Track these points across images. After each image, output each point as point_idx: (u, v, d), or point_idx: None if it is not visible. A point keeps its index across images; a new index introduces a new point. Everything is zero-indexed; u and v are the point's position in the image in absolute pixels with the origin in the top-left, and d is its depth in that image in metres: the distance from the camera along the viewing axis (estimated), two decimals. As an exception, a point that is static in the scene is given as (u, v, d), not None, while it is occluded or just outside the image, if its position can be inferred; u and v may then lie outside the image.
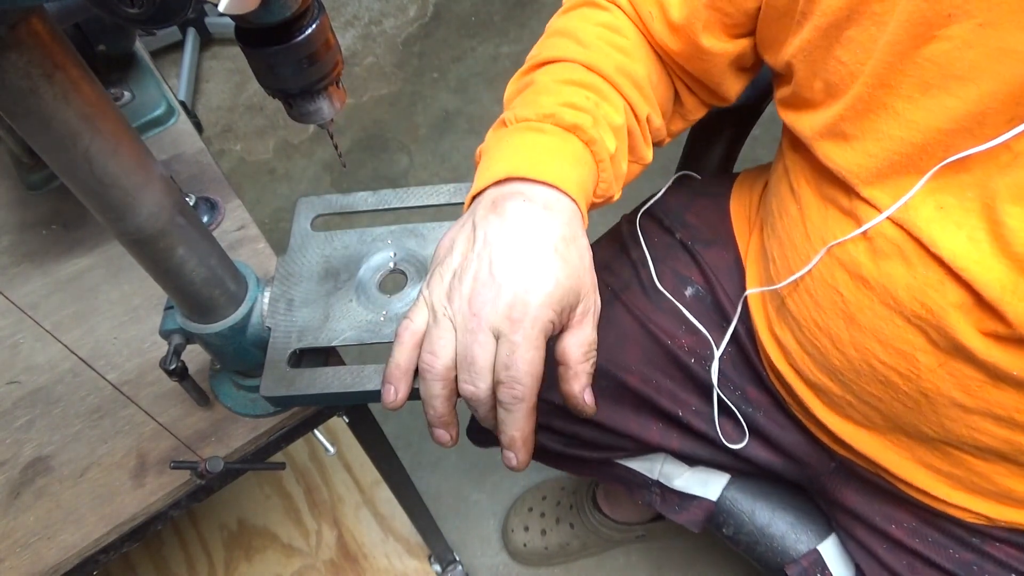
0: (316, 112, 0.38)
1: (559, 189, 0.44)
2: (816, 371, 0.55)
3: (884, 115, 0.44)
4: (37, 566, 0.49)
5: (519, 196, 0.44)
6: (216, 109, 1.82)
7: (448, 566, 1.07)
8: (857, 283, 0.48)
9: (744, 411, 0.63)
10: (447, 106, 1.76)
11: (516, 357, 0.39)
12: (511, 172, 0.44)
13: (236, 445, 0.53)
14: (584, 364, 0.42)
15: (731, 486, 0.69)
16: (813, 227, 0.52)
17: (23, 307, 0.61)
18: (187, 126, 0.74)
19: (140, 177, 0.37)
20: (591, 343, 0.43)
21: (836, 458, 0.61)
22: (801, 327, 0.54)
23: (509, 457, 0.42)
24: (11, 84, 0.31)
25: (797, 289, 0.54)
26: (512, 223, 0.42)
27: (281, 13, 0.32)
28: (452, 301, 0.42)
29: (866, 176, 0.46)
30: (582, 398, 0.42)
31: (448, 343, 0.41)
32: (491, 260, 0.42)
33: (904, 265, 0.45)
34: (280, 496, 1.06)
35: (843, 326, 0.50)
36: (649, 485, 0.72)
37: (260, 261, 0.63)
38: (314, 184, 1.67)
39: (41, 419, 0.55)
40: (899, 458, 0.54)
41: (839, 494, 0.62)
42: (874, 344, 0.48)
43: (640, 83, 0.53)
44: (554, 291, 0.41)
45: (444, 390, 0.42)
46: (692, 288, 0.67)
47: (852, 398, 0.53)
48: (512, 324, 0.40)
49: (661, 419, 0.66)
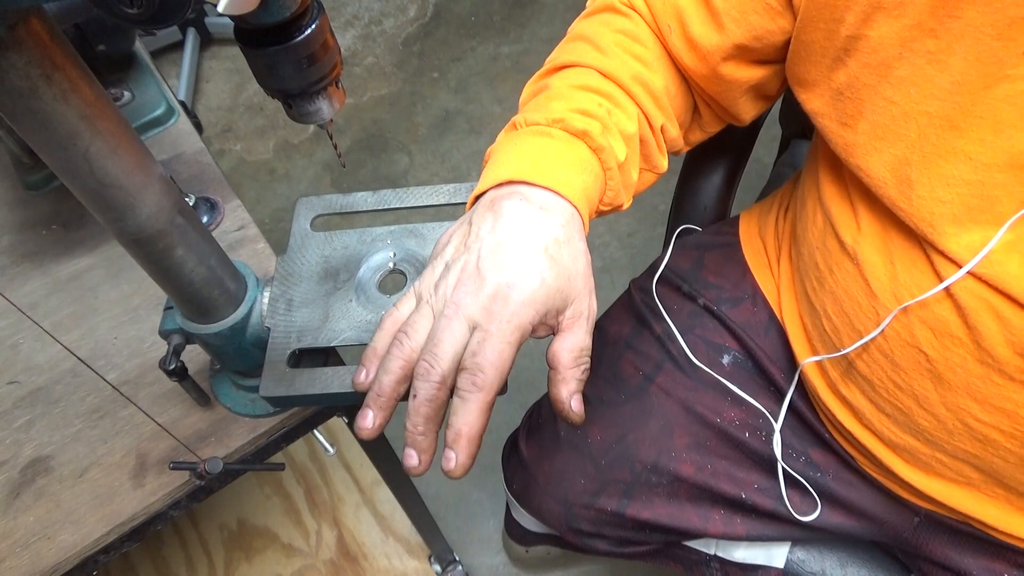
0: (316, 112, 0.38)
1: (559, 193, 0.44)
2: (898, 431, 0.51)
3: (954, 159, 0.41)
4: (37, 566, 0.49)
5: (517, 196, 0.44)
6: (216, 109, 1.82)
7: (448, 566, 1.07)
8: (944, 341, 0.45)
9: (812, 477, 0.59)
10: (447, 106, 1.76)
11: (485, 346, 0.39)
12: (513, 176, 0.44)
13: (236, 445, 0.53)
14: (574, 369, 0.41)
15: (795, 548, 0.65)
16: (879, 284, 0.48)
17: (23, 307, 0.61)
18: (187, 126, 0.74)
19: (140, 177, 0.37)
20: (582, 348, 0.42)
21: (921, 512, 0.57)
22: (876, 388, 0.50)
23: (449, 457, 0.39)
24: (11, 84, 0.31)
25: (868, 350, 0.50)
26: (506, 221, 0.42)
27: (280, 13, 0.32)
28: (437, 290, 0.42)
29: (940, 225, 0.43)
30: (569, 404, 0.41)
31: (423, 328, 0.41)
32: (480, 254, 0.42)
33: (997, 321, 0.42)
34: (280, 496, 1.06)
35: (930, 386, 0.47)
36: (708, 561, 0.68)
37: (260, 261, 0.63)
38: (314, 184, 1.67)
39: (41, 419, 0.55)
40: (997, 510, 0.51)
41: (928, 548, 0.58)
42: (969, 403, 0.45)
43: (656, 93, 0.52)
44: (538, 290, 0.40)
45: (401, 371, 0.41)
46: (729, 356, 0.63)
47: (944, 456, 0.49)
48: (489, 316, 0.40)
49: (722, 505, 0.62)
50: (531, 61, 1.83)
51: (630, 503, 0.63)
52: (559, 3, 1.93)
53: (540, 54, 1.83)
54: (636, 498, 0.63)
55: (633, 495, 0.63)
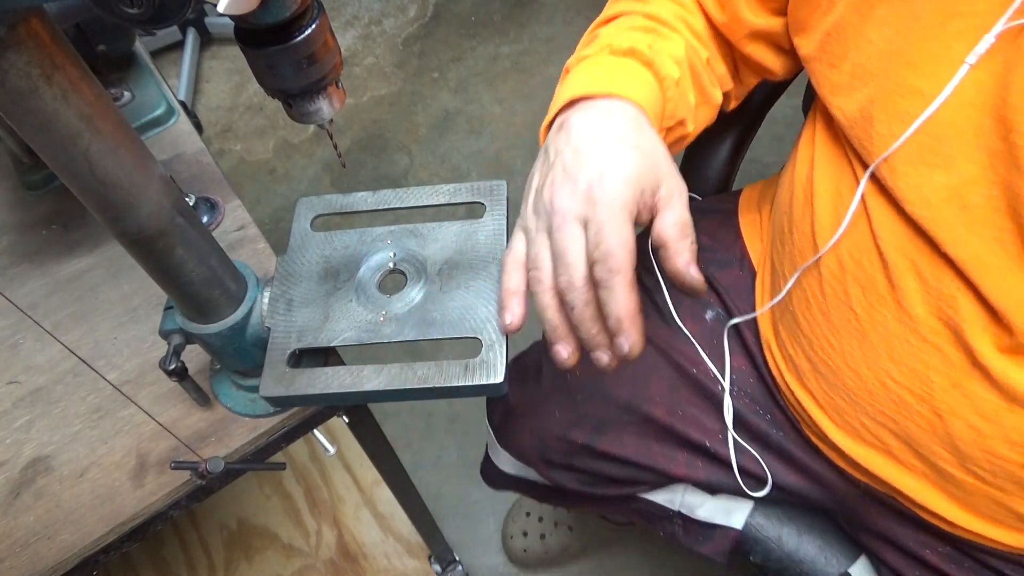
0: (316, 112, 0.38)
1: (619, 97, 0.46)
2: (829, 391, 0.53)
3: (909, 97, 0.43)
4: (37, 566, 0.49)
5: (581, 109, 0.47)
6: (216, 109, 1.82)
7: (448, 566, 1.07)
8: (871, 299, 0.47)
9: (772, 435, 0.62)
10: (447, 106, 1.76)
11: (604, 232, 0.40)
12: (573, 95, 0.47)
13: (236, 445, 0.53)
14: (683, 241, 0.42)
15: (756, 512, 0.67)
16: (821, 228, 0.51)
17: (23, 307, 0.61)
18: (187, 126, 0.74)
19: (140, 177, 0.37)
20: (685, 222, 0.43)
21: (860, 484, 0.58)
22: (814, 347, 0.53)
23: (621, 344, 0.41)
24: (11, 84, 0.31)
25: (811, 309, 0.53)
26: (577, 130, 0.45)
27: (281, 13, 0.32)
28: (539, 213, 0.44)
29: (893, 162, 0.44)
30: (689, 273, 0.42)
31: (546, 254, 0.43)
32: (564, 163, 0.44)
33: (917, 280, 0.44)
34: (280, 496, 1.06)
35: (856, 345, 0.49)
36: (670, 517, 0.70)
37: (260, 261, 0.63)
38: (314, 184, 1.67)
39: (41, 419, 0.55)
40: (915, 483, 0.52)
41: (869, 518, 0.60)
42: (887, 363, 0.47)
43: (699, 33, 0.56)
44: (630, 170, 0.42)
45: (554, 302, 0.43)
46: (712, 312, 0.65)
47: (866, 419, 0.52)
48: (594, 205, 0.41)
49: (687, 449, 0.64)
50: (531, 61, 1.82)
51: (600, 438, 0.65)
52: (559, 3, 1.93)
53: (540, 54, 1.83)
54: (607, 433, 0.65)
55: (604, 430, 0.65)
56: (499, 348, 0.46)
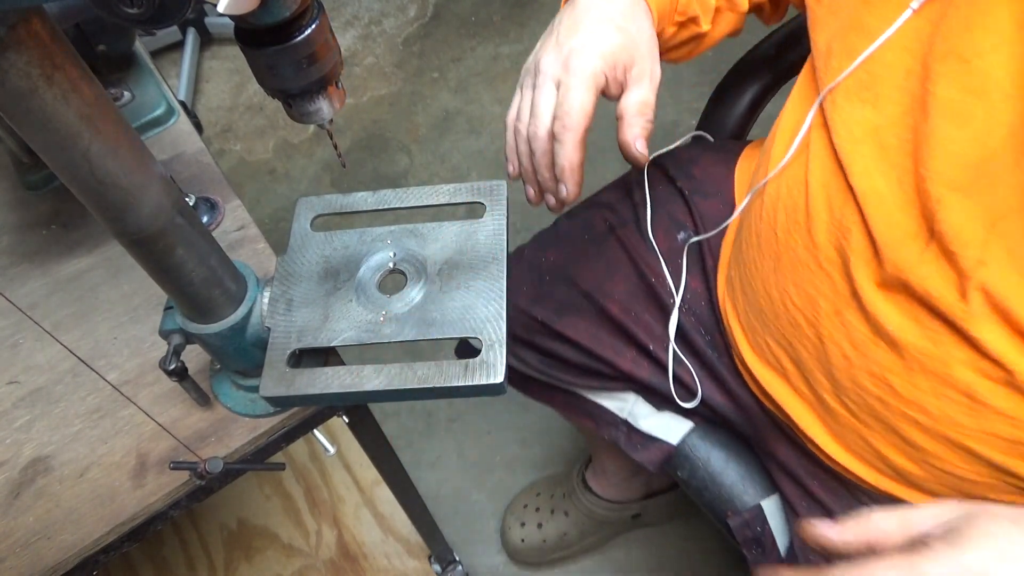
0: (316, 112, 0.38)
1: None
2: (748, 309, 0.58)
3: (859, 32, 0.46)
4: (37, 566, 0.49)
5: None
6: (216, 109, 1.82)
7: (448, 566, 1.07)
8: (790, 225, 0.52)
9: (708, 356, 0.65)
10: (447, 106, 1.76)
11: (569, 96, 0.49)
12: None
13: (236, 445, 0.53)
14: (637, 117, 0.50)
15: (693, 434, 0.72)
16: (775, 157, 0.55)
17: (23, 307, 0.61)
18: (187, 126, 0.74)
19: (140, 177, 0.37)
20: (645, 102, 0.51)
21: (766, 409, 0.61)
22: (747, 268, 0.58)
23: (560, 190, 0.51)
24: (11, 84, 0.30)
25: (750, 233, 0.57)
26: (579, 7, 0.52)
27: (281, 13, 0.32)
28: (530, 72, 0.53)
29: (837, 96, 0.48)
30: (633, 145, 0.51)
31: (526, 106, 0.52)
32: (558, 33, 0.52)
33: (827, 210, 0.48)
34: (280, 496, 1.06)
35: (771, 267, 0.54)
36: (617, 423, 0.75)
37: (260, 261, 0.63)
38: (314, 184, 1.67)
39: (41, 419, 0.55)
40: (803, 410, 0.55)
41: (770, 445, 0.63)
42: (791, 286, 0.52)
43: None
44: (606, 47, 0.49)
45: (525, 146, 0.52)
46: (685, 233, 0.70)
47: (771, 340, 0.56)
48: (568, 71, 0.49)
49: (635, 349, 0.69)
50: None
51: (559, 320, 0.71)
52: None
53: (540, 54, 1.83)
54: (565, 316, 0.71)
55: (564, 314, 0.72)
56: (499, 348, 0.46)
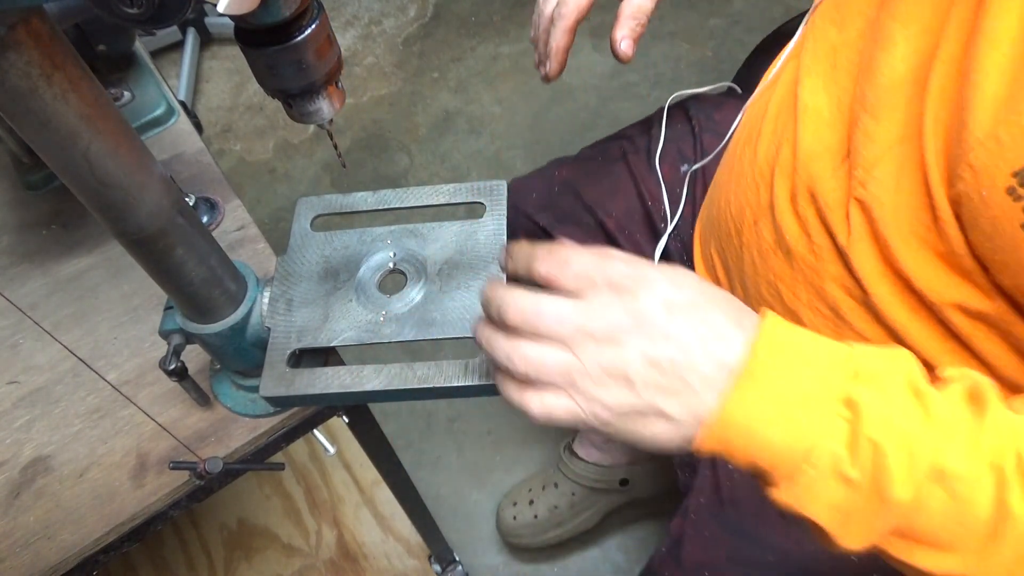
0: (316, 112, 0.38)
1: None
2: (705, 221, 0.62)
3: None
4: (37, 566, 0.49)
5: None
6: (216, 109, 1.82)
7: (448, 566, 1.07)
8: (746, 140, 0.55)
9: None
10: (447, 106, 1.75)
11: None
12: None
13: (236, 445, 0.53)
14: (631, 20, 0.56)
15: None
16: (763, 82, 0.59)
17: (23, 307, 0.61)
18: (187, 126, 0.74)
19: (140, 177, 0.37)
20: (641, 7, 0.56)
21: None
22: (714, 183, 0.62)
23: (545, 66, 0.60)
24: (11, 84, 0.31)
25: (726, 149, 0.61)
26: None
27: (281, 13, 0.32)
28: None
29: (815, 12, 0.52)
30: (620, 44, 0.56)
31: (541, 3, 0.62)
32: None
33: (773, 125, 0.51)
34: (280, 496, 1.06)
35: (726, 178, 0.58)
36: None
37: (260, 261, 0.63)
38: (314, 184, 1.67)
39: (41, 419, 0.55)
40: None
41: None
42: (731, 195, 0.56)
43: None
44: None
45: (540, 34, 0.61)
46: (687, 166, 0.75)
47: (713, 250, 0.60)
48: None
49: None
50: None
51: (559, 227, 0.79)
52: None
53: (540, 54, 1.82)
54: (564, 225, 0.78)
55: (565, 222, 0.79)
56: (499, 348, 0.46)
